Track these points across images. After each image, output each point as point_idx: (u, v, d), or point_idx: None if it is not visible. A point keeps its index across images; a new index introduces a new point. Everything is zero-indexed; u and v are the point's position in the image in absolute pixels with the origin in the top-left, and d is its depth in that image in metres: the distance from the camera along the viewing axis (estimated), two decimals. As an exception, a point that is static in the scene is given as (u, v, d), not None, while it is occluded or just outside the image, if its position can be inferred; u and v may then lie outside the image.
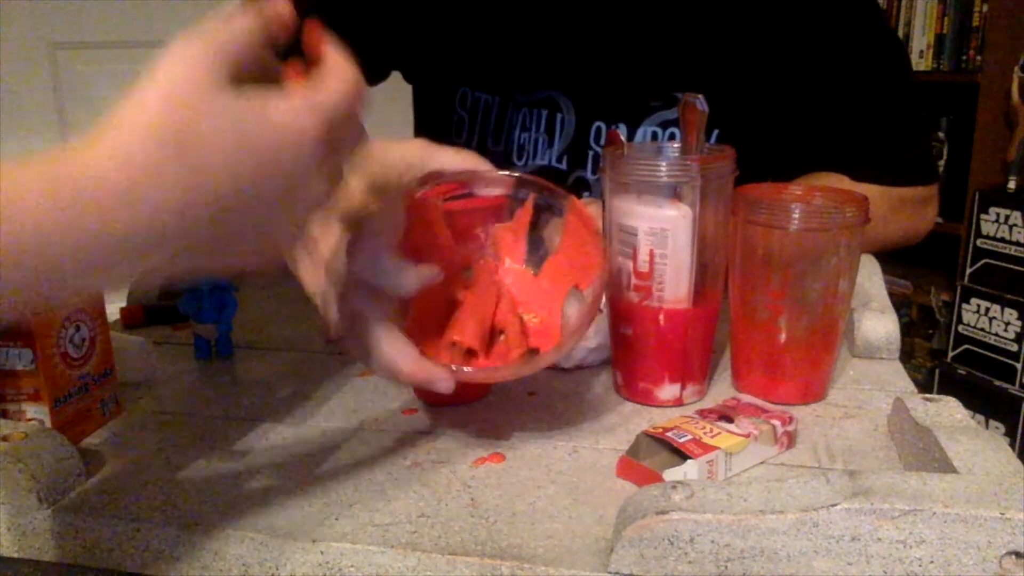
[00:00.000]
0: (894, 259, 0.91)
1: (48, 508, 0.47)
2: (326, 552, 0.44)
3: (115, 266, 0.34)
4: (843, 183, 0.81)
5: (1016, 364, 1.89)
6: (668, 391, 0.61)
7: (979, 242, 1.95)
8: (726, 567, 0.40)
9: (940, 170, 2.15)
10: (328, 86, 0.38)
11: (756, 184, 0.62)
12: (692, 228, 0.56)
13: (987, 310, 1.94)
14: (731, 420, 0.53)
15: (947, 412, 0.52)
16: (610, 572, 0.41)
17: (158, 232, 0.33)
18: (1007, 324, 1.90)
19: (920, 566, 0.39)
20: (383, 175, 0.50)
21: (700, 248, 0.57)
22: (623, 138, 0.63)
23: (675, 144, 0.62)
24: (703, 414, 0.54)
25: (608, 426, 0.58)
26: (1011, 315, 1.89)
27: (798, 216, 0.57)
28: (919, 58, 2.15)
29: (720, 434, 0.51)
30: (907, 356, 2.18)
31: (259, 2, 0.39)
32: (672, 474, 0.48)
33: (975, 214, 1.94)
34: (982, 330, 1.96)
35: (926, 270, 2.21)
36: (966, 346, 2.00)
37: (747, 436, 0.51)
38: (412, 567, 0.43)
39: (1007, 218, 1.88)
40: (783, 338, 0.60)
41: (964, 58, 2.08)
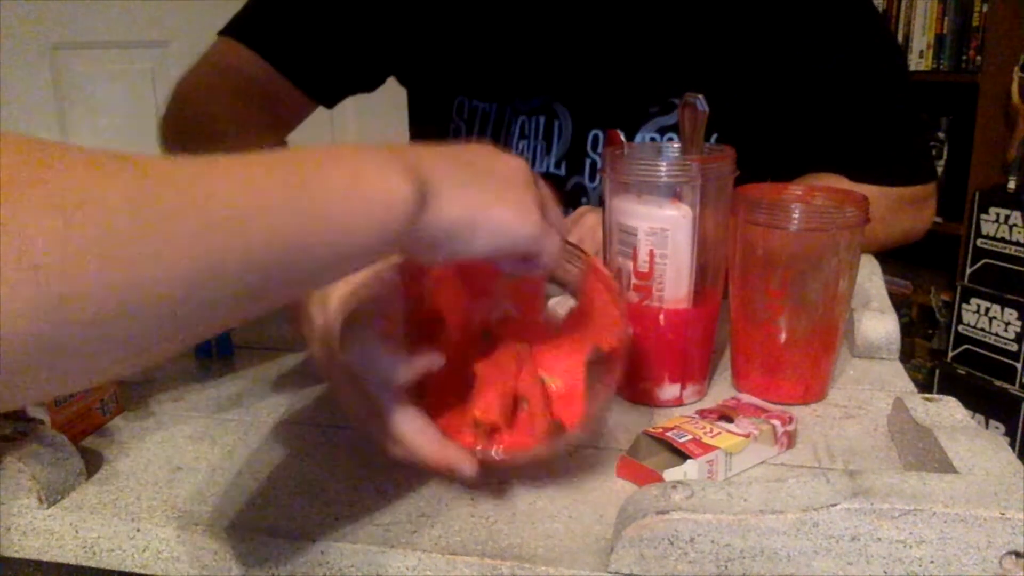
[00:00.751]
0: (894, 259, 0.91)
1: (48, 508, 0.47)
2: (326, 552, 0.44)
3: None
4: (842, 183, 0.81)
5: (1016, 364, 1.89)
6: (668, 391, 0.61)
7: (979, 242, 1.95)
8: (726, 567, 0.40)
9: (940, 170, 2.16)
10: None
11: (756, 184, 0.62)
12: (692, 228, 0.56)
13: (987, 310, 1.94)
14: (731, 420, 0.53)
15: (947, 412, 0.52)
16: (610, 572, 0.41)
17: None
18: (1007, 324, 1.90)
19: (920, 566, 0.39)
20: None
21: (700, 248, 0.57)
22: (623, 138, 0.63)
23: (675, 144, 0.62)
24: (703, 414, 0.54)
25: (608, 426, 0.58)
26: (1011, 315, 1.89)
27: (798, 216, 0.57)
28: (919, 58, 2.15)
29: (720, 434, 0.51)
30: (907, 356, 2.18)
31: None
32: (672, 474, 0.48)
33: (975, 214, 1.94)
34: (982, 330, 1.96)
35: (926, 270, 2.21)
36: (966, 346, 2.00)
37: (747, 436, 0.51)
38: (412, 567, 0.43)
39: (1007, 218, 1.88)
40: (783, 338, 0.60)
41: (964, 58, 2.08)
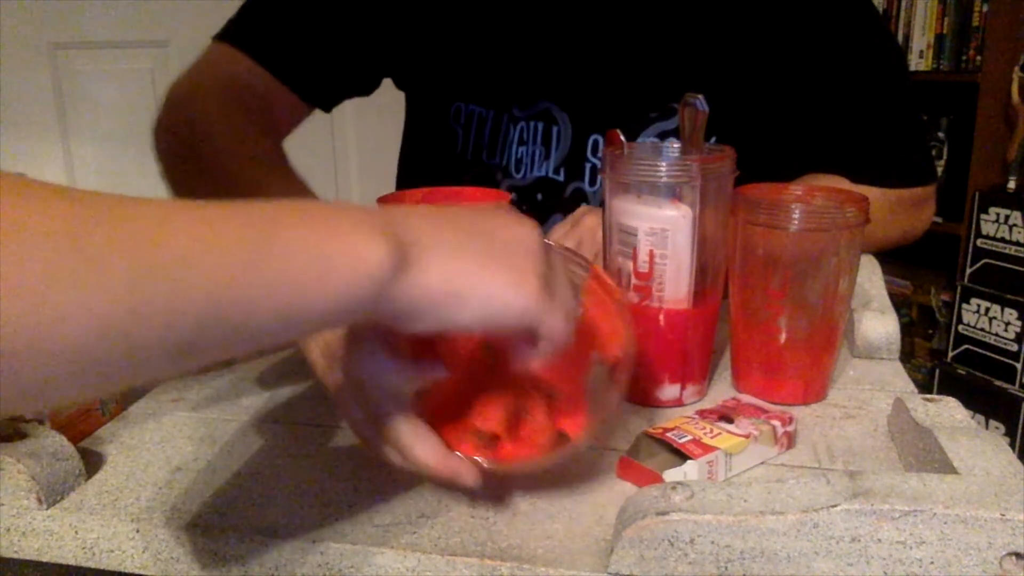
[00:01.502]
0: (894, 259, 0.92)
1: (48, 508, 0.47)
2: (326, 552, 0.44)
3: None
4: (842, 184, 0.81)
5: (1016, 364, 1.89)
6: (668, 391, 0.61)
7: (979, 242, 1.95)
8: (726, 568, 0.40)
9: (940, 170, 2.15)
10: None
11: (756, 184, 0.62)
12: (692, 228, 0.56)
13: (987, 310, 1.94)
14: (731, 420, 0.53)
15: (947, 412, 0.52)
16: (610, 573, 0.41)
17: None
18: (1007, 324, 1.90)
19: (920, 567, 0.39)
20: None
21: (700, 248, 0.57)
22: (623, 138, 0.63)
23: (675, 144, 0.62)
24: (703, 414, 0.54)
25: (607, 426, 0.58)
26: (1011, 315, 1.89)
27: (798, 216, 0.57)
28: (919, 58, 2.15)
29: (720, 435, 0.51)
30: (907, 356, 2.18)
31: None
32: (672, 475, 0.48)
33: (975, 214, 1.94)
34: (982, 330, 1.96)
35: (926, 270, 2.21)
36: (966, 346, 2.00)
37: (747, 437, 0.51)
38: (412, 567, 0.43)
39: (1007, 218, 1.88)
40: (783, 338, 0.60)
41: (964, 58, 2.08)
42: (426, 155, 0.94)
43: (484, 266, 0.37)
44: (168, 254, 0.28)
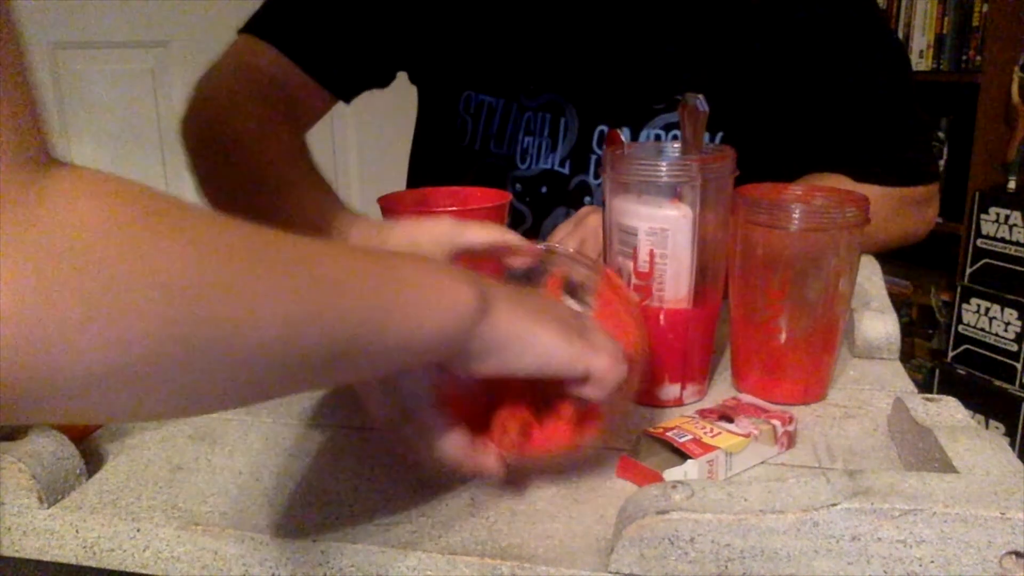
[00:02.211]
0: (894, 259, 0.91)
1: (48, 508, 0.47)
2: (326, 551, 0.44)
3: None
4: (845, 183, 0.81)
5: (1016, 364, 1.89)
6: (668, 391, 0.61)
7: (979, 242, 1.95)
8: (726, 567, 0.40)
9: (940, 170, 2.15)
10: None
11: (756, 184, 0.62)
12: (692, 228, 0.56)
13: (987, 310, 1.94)
14: (731, 420, 0.53)
15: (947, 412, 0.52)
16: (610, 572, 0.41)
17: None
18: (1007, 324, 1.90)
19: (920, 566, 0.39)
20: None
21: (700, 248, 0.57)
22: (623, 138, 0.63)
23: (675, 144, 0.62)
24: (703, 414, 0.54)
25: (608, 426, 0.58)
26: (1011, 315, 1.89)
27: (798, 216, 0.57)
28: (919, 58, 2.15)
29: (720, 434, 0.51)
30: (907, 356, 2.18)
31: None
32: (672, 474, 0.48)
33: (975, 214, 1.94)
34: (982, 330, 1.96)
35: (926, 270, 2.21)
36: (966, 346, 2.00)
37: (747, 436, 0.51)
38: (412, 567, 0.43)
39: (1007, 218, 1.88)
40: (783, 338, 0.60)
41: (964, 58, 2.08)
42: (436, 147, 0.95)
43: (538, 321, 0.43)
44: (326, 274, 0.33)
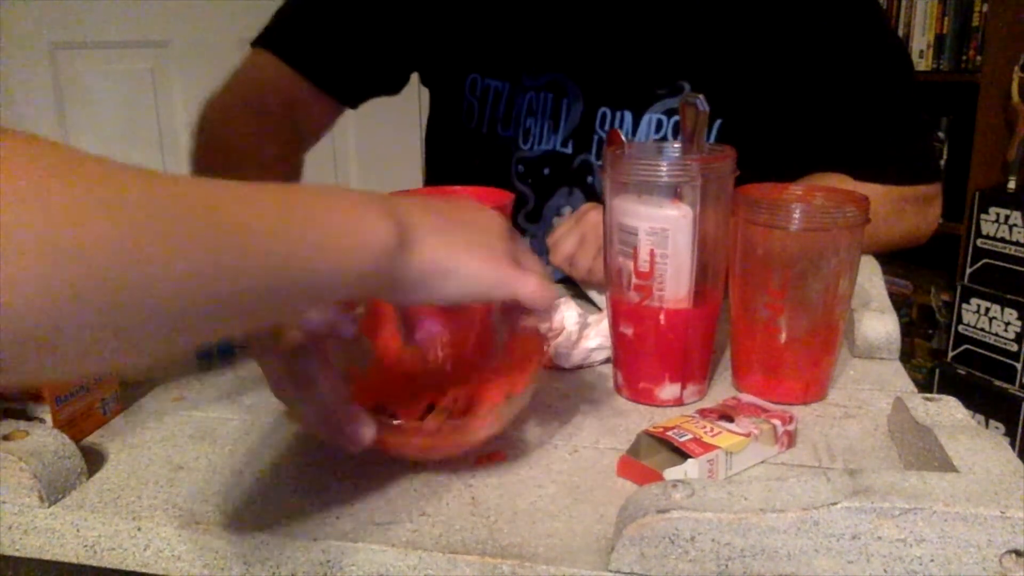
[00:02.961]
0: (894, 259, 0.92)
1: (49, 507, 0.47)
2: (327, 551, 0.44)
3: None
4: (846, 183, 0.81)
5: (1016, 364, 1.89)
6: (668, 391, 0.61)
7: (979, 242, 1.95)
8: (727, 566, 0.40)
9: (941, 170, 2.15)
10: None
11: (756, 184, 0.62)
12: (692, 228, 0.56)
13: (987, 310, 1.94)
14: (731, 420, 0.53)
15: (947, 412, 0.52)
16: (611, 571, 0.41)
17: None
18: (1007, 324, 1.90)
19: (920, 565, 0.39)
20: None
21: (700, 248, 0.57)
22: (624, 138, 0.63)
23: (675, 144, 0.62)
24: (703, 413, 0.54)
25: (608, 426, 0.58)
26: (1011, 315, 1.89)
27: (798, 216, 0.57)
28: (919, 58, 2.15)
29: (720, 433, 0.51)
30: (907, 356, 2.18)
31: None
32: (672, 473, 0.48)
33: (975, 214, 1.94)
34: (982, 330, 1.96)
35: (926, 270, 2.21)
36: (966, 346, 2.00)
37: (747, 435, 0.51)
38: (413, 566, 0.43)
39: (1007, 218, 1.88)
40: (783, 338, 0.60)
41: (964, 58, 2.08)
42: (447, 132, 0.96)
43: (465, 248, 0.43)
44: (230, 221, 0.32)
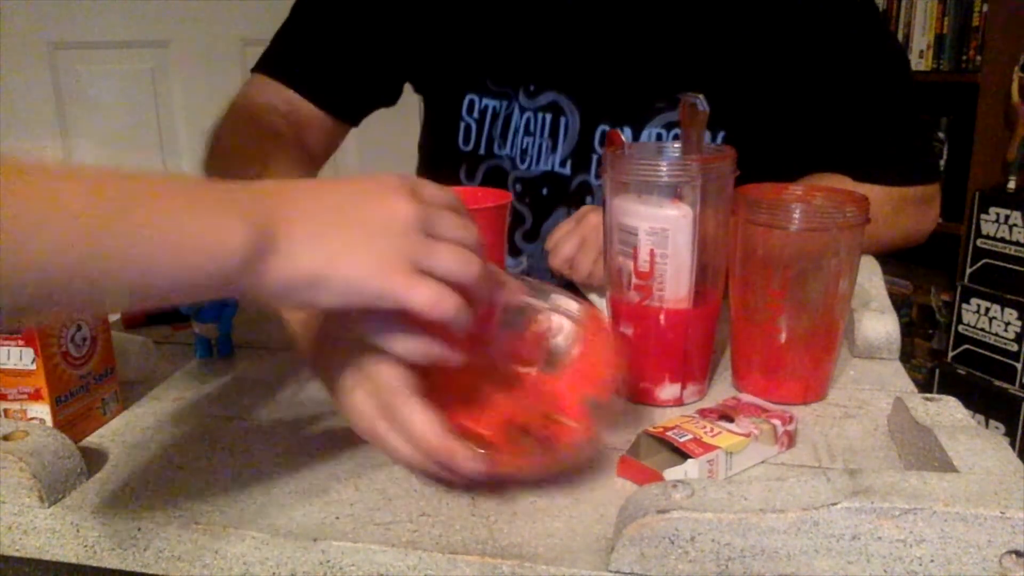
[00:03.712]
0: (894, 259, 0.91)
1: (49, 507, 0.47)
2: (327, 551, 0.44)
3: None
4: (845, 183, 0.81)
5: (1016, 364, 1.89)
6: (668, 391, 0.61)
7: (979, 242, 1.95)
8: (727, 566, 0.40)
9: (940, 170, 2.15)
10: None
11: (756, 184, 0.62)
12: (693, 228, 0.56)
13: (987, 310, 1.94)
14: (731, 420, 0.53)
15: (947, 412, 0.52)
16: (611, 571, 0.41)
17: None
18: (1007, 324, 1.90)
19: (920, 565, 0.39)
20: None
21: (700, 248, 0.57)
22: (624, 138, 0.63)
23: (675, 144, 0.62)
24: (703, 414, 0.54)
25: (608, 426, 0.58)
26: (1011, 315, 1.89)
27: (798, 216, 0.57)
28: (919, 58, 2.15)
29: (720, 433, 0.51)
30: (907, 356, 2.18)
31: None
32: (673, 473, 0.48)
33: (975, 214, 1.94)
34: (982, 330, 1.96)
35: (926, 270, 2.20)
36: (966, 346, 2.00)
37: (747, 436, 0.51)
38: (413, 566, 0.43)
39: (1007, 218, 1.88)
40: (783, 338, 0.60)
41: (964, 58, 2.08)
42: (442, 152, 0.95)
43: (346, 252, 0.39)
44: (8, 211, 0.28)
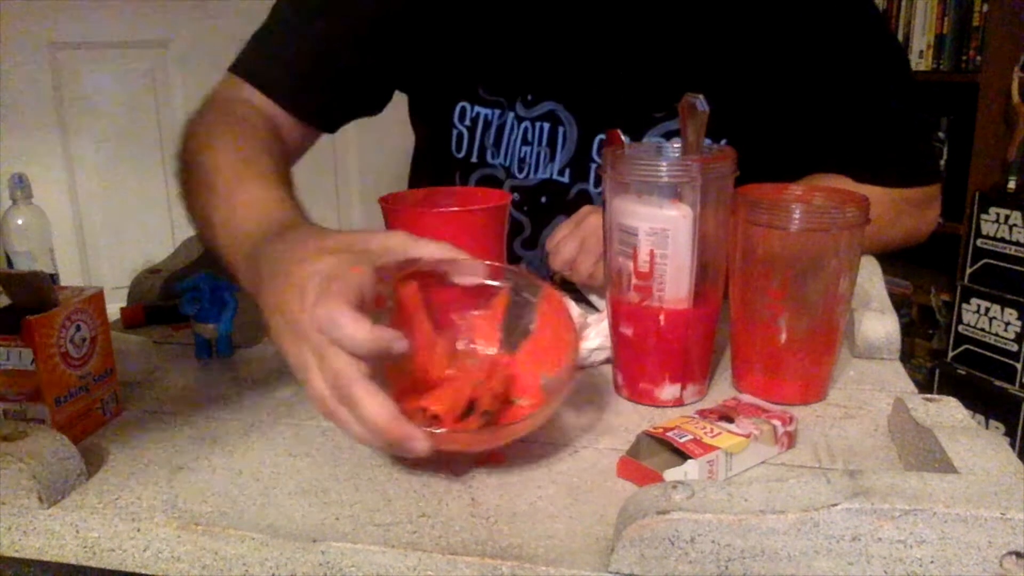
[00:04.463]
0: (894, 259, 0.91)
1: (48, 508, 0.47)
2: (327, 552, 0.44)
3: None
4: (846, 184, 0.81)
5: (1016, 364, 1.89)
6: (668, 391, 0.61)
7: (979, 242, 1.95)
8: (727, 567, 0.40)
9: (940, 170, 2.15)
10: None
11: (756, 184, 0.62)
12: (692, 228, 0.56)
13: (987, 310, 1.94)
14: (731, 420, 0.53)
15: (947, 412, 0.52)
16: (611, 572, 0.41)
17: None
18: (1007, 324, 1.90)
19: (920, 566, 0.39)
20: (366, 259, 0.50)
21: (700, 248, 0.57)
22: (623, 138, 0.63)
23: (675, 144, 0.62)
24: (703, 414, 0.54)
25: (608, 426, 0.58)
26: (1011, 315, 1.89)
27: (798, 216, 0.57)
28: (919, 58, 2.15)
29: (720, 434, 0.51)
30: (907, 356, 2.18)
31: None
32: (673, 474, 0.48)
33: (975, 214, 1.94)
34: (982, 330, 1.96)
35: (926, 270, 2.20)
36: (966, 346, 2.00)
37: (747, 436, 0.51)
38: (412, 567, 0.43)
39: (1007, 218, 1.88)
40: (783, 338, 0.60)
41: (964, 58, 2.08)
42: (433, 159, 0.94)
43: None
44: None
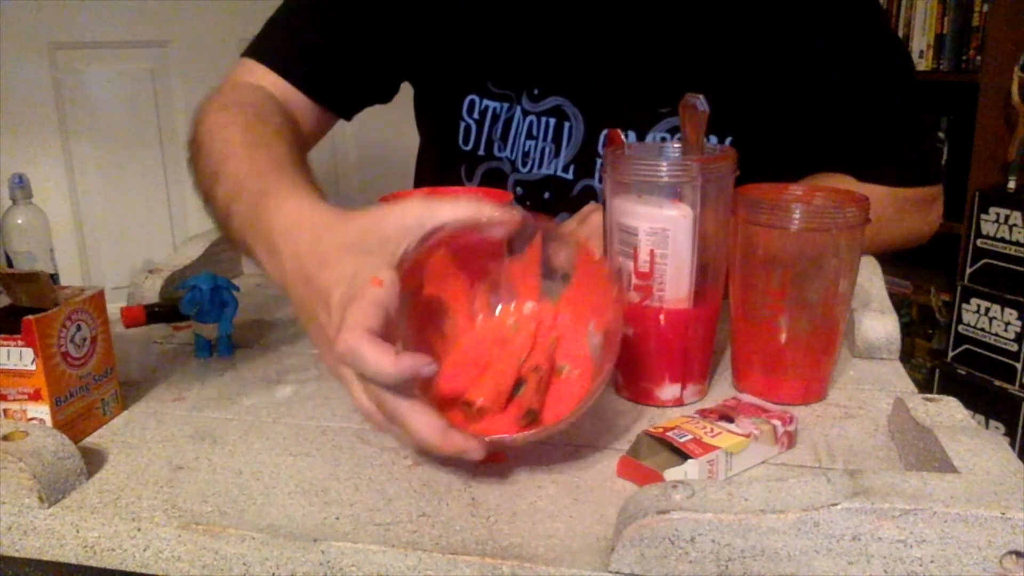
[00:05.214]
0: (894, 259, 0.91)
1: (49, 507, 0.47)
2: (327, 552, 0.44)
3: None
4: (848, 184, 0.81)
5: (1016, 364, 1.89)
6: (668, 391, 0.61)
7: (979, 242, 1.95)
8: (727, 566, 0.40)
9: (943, 171, 2.15)
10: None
11: (757, 184, 0.62)
12: (693, 228, 0.56)
13: (987, 310, 1.94)
14: (732, 420, 0.53)
15: (947, 412, 0.52)
16: (611, 571, 0.41)
17: None
18: (1007, 324, 1.90)
19: (921, 566, 0.39)
20: (386, 252, 0.48)
21: (701, 248, 0.57)
22: (623, 138, 0.63)
23: (676, 144, 0.62)
24: (703, 414, 0.54)
25: (608, 426, 0.58)
26: (1011, 315, 1.89)
27: (799, 216, 0.57)
28: (919, 58, 2.15)
29: (721, 434, 0.51)
30: (907, 356, 2.18)
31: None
32: (673, 474, 0.48)
33: (975, 214, 1.94)
34: (982, 330, 1.96)
35: (926, 270, 2.21)
36: (966, 346, 2.00)
37: (748, 436, 0.51)
38: (413, 566, 0.43)
39: (1007, 218, 1.88)
40: (783, 338, 0.60)
41: (964, 58, 2.08)
42: (440, 151, 0.95)
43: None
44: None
